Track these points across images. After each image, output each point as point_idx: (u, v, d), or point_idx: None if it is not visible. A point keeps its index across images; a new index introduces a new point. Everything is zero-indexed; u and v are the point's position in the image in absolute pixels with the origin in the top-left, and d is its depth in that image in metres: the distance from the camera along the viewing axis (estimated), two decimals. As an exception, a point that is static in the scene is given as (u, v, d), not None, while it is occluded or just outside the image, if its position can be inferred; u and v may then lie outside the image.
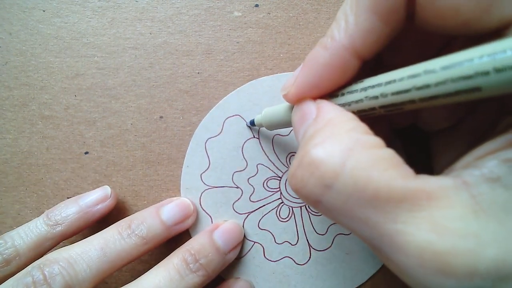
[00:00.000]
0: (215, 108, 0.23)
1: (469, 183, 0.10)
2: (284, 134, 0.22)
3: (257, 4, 0.23)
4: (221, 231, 0.21)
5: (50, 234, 0.19)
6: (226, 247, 0.20)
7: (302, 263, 0.22)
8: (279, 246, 0.22)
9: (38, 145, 0.23)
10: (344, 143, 0.11)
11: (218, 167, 0.22)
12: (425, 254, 0.10)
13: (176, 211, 0.21)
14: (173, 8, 0.23)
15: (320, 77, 0.14)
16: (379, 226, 0.11)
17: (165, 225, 0.20)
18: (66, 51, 0.23)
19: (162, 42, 0.23)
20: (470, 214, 0.10)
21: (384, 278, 0.22)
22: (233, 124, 0.22)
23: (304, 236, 0.22)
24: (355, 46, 0.13)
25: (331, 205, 0.11)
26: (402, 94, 0.11)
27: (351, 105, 0.14)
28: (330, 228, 0.22)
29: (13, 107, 0.23)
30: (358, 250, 0.22)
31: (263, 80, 0.23)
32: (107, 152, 0.23)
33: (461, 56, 0.10)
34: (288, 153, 0.22)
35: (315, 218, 0.22)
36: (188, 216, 0.21)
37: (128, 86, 0.23)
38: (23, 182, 0.23)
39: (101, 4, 0.23)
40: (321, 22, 0.23)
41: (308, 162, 0.12)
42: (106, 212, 0.21)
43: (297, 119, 0.15)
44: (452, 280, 0.10)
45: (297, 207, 0.22)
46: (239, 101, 0.22)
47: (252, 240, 0.22)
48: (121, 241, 0.19)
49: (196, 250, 0.19)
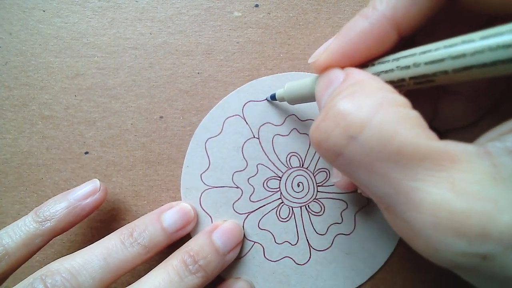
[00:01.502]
0: (215, 108, 0.23)
1: (492, 153, 0.10)
2: (284, 134, 0.22)
3: (257, 4, 0.23)
4: (220, 232, 0.21)
5: (39, 231, 0.19)
6: (226, 247, 0.20)
7: (302, 263, 0.22)
8: (279, 246, 0.22)
9: (38, 145, 0.23)
10: (373, 98, 0.12)
11: (218, 167, 0.22)
12: (440, 212, 0.10)
13: (177, 217, 0.21)
14: (173, 8, 0.23)
15: (355, 46, 0.14)
16: (397, 182, 0.11)
17: (167, 232, 0.20)
18: (66, 51, 0.23)
19: (162, 42, 0.23)
20: (490, 180, 0.10)
21: (384, 278, 0.22)
22: (233, 124, 0.22)
23: (304, 236, 0.22)
24: (397, 17, 0.13)
25: (352, 158, 0.11)
26: (436, 63, 0.11)
27: (380, 75, 0.13)
28: (330, 228, 0.22)
29: (13, 107, 0.23)
30: (358, 250, 0.22)
31: (263, 80, 0.23)
32: (107, 152, 0.23)
33: (502, 28, 0.10)
34: (288, 153, 0.22)
35: (315, 218, 0.22)
36: (188, 222, 0.21)
37: (128, 86, 0.23)
38: (23, 182, 0.23)
39: (101, 4, 0.23)
40: (321, 22, 0.23)
41: (334, 114, 0.12)
42: (96, 206, 0.20)
43: (322, 85, 0.14)
44: (463, 240, 0.10)
45: (297, 207, 0.22)
46: (239, 101, 0.22)
47: (252, 240, 0.22)
48: (123, 250, 0.18)
49: (195, 251, 0.19)
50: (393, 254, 0.22)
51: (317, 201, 0.22)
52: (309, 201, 0.22)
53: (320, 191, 0.22)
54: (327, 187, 0.22)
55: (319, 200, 0.22)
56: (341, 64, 0.14)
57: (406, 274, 0.22)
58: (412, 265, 0.22)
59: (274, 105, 0.22)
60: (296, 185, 0.22)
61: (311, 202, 0.22)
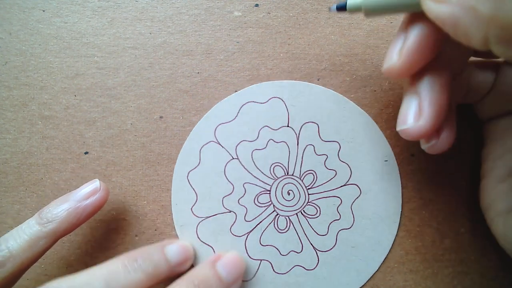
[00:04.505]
0: (188, 141, 0.22)
1: None
2: (261, 148, 0.22)
3: (257, 4, 0.23)
4: (224, 262, 0.20)
5: (42, 232, 0.19)
6: (230, 277, 0.20)
7: (312, 268, 0.22)
8: (286, 258, 0.22)
9: (38, 145, 0.23)
10: None
11: (206, 197, 0.22)
12: None
13: (180, 251, 0.20)
14: (173, 8, 0.23)
15: None
16: None
17: (169, 264, 0.20)
18: (66, 51, 0.23)
19: (162, 42, 0.23)
20: None
21: (384, 278, 0.22)
22: (209, 151, 0.22)
23: (308, 241, 0.22)
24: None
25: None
26: None
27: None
28: (330, 227, 0.22)
29: (13, 107, 0.23)
30: (363, 241, 0.22)
31: (227, 100, 0.23)
32: (107, 152, 0.23)
33: None
34: (271, 165, 0.22)
35: (313, 220, 0.22)
36: (188, 258, 0.21)
37: (128, 86, 0.23)
38: (23, 182, 0.23)
39: (101, 4, 0.23)
40: (321, 22, 0.23)
41: None
42: (97, 206, 0.20)
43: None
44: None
45: (293, 215, 0.22)
46: (209, 126, 0.22)
47: (257, 258, 0.22)
48: (126, 274, 0.18)
49: (200, 280, 0.19)
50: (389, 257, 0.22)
51: (311, 203, 0.22)
52: (303, 206, 0.22)
53: (311, 193, 0.22)
54: (316, 187, 0.22)
55: (312, 202, 0.22)
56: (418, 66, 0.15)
57: (405, 275, 0.22)
58: (411, 266, 0.22)
59: None
60: (287, 194, 0.22)
61: (305, 207, 0.22)
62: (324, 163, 0.22)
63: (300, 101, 0.22)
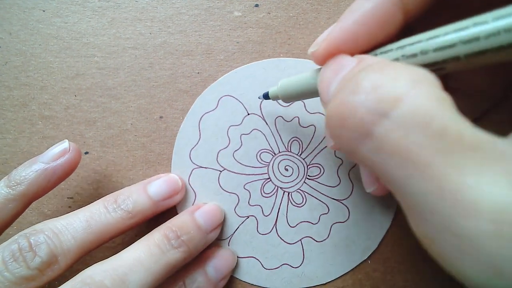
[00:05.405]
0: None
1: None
2: (238, 148, 0.22)
3: (257, 4, 0.23)
4: (202, 211, 0.21)
5: (11, 195, 0.19)
6: (208, 226, 0.20)
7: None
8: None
9: (38, 145, 0.23)
10: (407, 73, 0.10)
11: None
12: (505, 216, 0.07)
13: (164, 187, 0.21)
14: (173, 8, 0.23)
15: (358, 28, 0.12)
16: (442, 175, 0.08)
17: (152, 200, 0.20)
18: (66, 51, 0.23)
19: (162, 42, 0.23)
20: None
21: (384, 278, 0.22)
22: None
23: (325, 196, 0.22)
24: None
25: (384, 140, 0.09)
26: (446, 49, 0.10)
27: None
28: (339, 172, 0.22)
29: (13, 107, 0.23)
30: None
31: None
32: (107, 152, 0.23)
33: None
34: (256, 154, 0.22)
35: (322, 178, 0.22)
36: (176, 192, 0.21)
37: (128, 86, 0.23)
38: (23, 182, 0.23)
39: (101, 4, 0.23)
40: (321, 22, 0.23)
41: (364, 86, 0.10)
42: (68, 167, 0.20)
43: (329, 72, 0.13)
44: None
45: (302, 184, 0.22)
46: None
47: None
48: (106, 214, 0.19)
49: (178, 226, 0.19)
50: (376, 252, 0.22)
51: (312, 165, 0.22)
52: (305, 172, 0.22)
53: (305, 157, 0.22)
54: (306, 150, 0.22)
55: (312, 164, 0.22)
56: (344, 50, 0.13)
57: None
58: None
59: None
60: (285, 170, 0.22)
61: (309, 170, 0.22)
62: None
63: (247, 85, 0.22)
